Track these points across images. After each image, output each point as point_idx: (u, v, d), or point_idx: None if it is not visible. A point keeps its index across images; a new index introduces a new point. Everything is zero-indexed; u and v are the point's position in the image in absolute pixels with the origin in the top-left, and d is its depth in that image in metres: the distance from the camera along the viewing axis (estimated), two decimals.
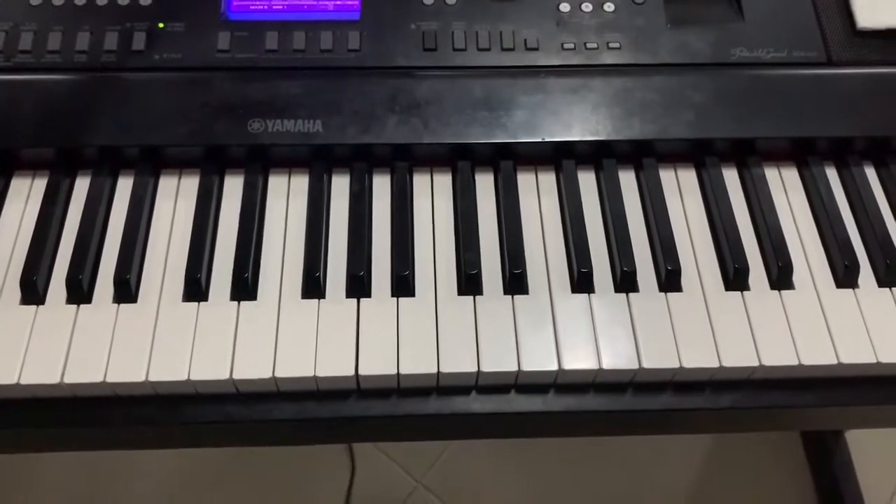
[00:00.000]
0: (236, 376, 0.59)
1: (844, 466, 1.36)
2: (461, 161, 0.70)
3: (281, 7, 0.75)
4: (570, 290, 0.65)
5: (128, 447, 0.67)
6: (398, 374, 0.60)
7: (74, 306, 0.62)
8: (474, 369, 0.60)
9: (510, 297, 0.64)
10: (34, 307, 0.62)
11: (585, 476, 1.38)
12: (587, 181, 0.71)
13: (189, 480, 1.36)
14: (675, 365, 0.61)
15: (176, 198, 0.69)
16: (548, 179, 0.71)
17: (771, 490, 1.39)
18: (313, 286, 0.64)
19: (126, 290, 0.63)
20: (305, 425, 0.62)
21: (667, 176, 0.71)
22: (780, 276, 0.65)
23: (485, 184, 0.70)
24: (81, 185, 0.69)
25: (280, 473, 1.36)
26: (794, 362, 0.61)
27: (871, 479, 1.36)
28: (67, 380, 0.59)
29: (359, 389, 0.62)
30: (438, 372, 0.60)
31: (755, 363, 0.61)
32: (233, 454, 1.37)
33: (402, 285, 0.64)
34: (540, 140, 0.69)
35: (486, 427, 0.65)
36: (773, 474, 1.40)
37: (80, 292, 0.63)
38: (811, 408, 0.65)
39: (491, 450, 1.40)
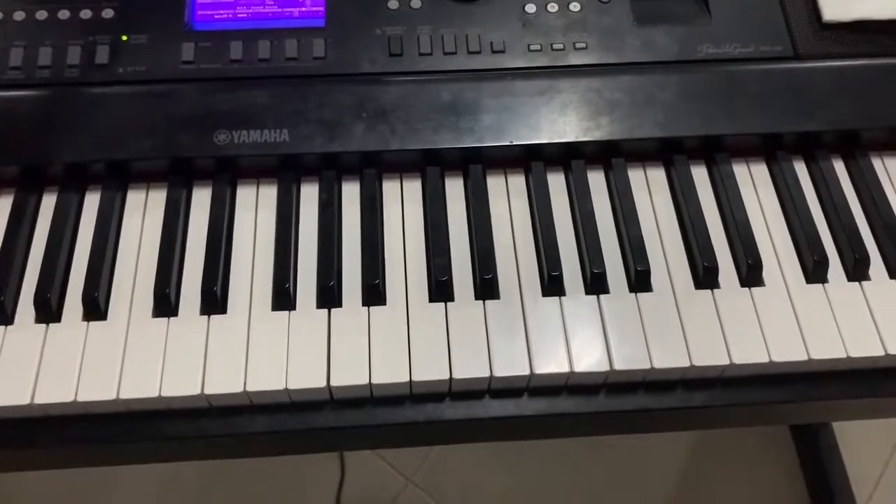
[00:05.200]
0: (208, 391, 0.59)
1: (831, 451, 1.37)
2: (430, 167, 0.70)
3: (245, 15, 0.74)
4: (540, 294, 0.65)
5: (101, 464, 0.67)
6: (370, 384, 0.60)
7: (43, 325, 0.62)
8: (447, 377, 0.60)
9: (481, 302, 0.64)
10: (2, 328, 0.62)
11: (574, 470, 1.38)
12: (557, 183, 0.70)
13: (178, 483, 1.35)
14: (647, 366, 0.61)
15: (144, 212, 0.68)
16: (517, 182, 0.71)
17: (759, 475, 1.39)
18: (283, 298, 0.63)
19: (95, 308, 0.63)
20: (280, 437, 0.62)
21: (636, 175, 0.71)
22: (750, 274, 0.65)
23: (455, 188, 0.70)
24: (48, 202, 0.68)
25: (269, 473, 1.36)
26: (765, 359, 0.62)
27: (858, 464, 1.37)
28: (38, 400, 0.59)
29: (332, 400, 0.62)
30: (411, 380, 0.60)
31: (726, 361, 0.61)
32: None
33: (373, 294, 0.64)
34: (508, 143, 0.69)
35: (460, 432, 0.65)
36: (760, 460, 1.41)
37: (48, 311, 0.62)
38: (785, 404, 0.64)
39: (480, 446, 1.40)
